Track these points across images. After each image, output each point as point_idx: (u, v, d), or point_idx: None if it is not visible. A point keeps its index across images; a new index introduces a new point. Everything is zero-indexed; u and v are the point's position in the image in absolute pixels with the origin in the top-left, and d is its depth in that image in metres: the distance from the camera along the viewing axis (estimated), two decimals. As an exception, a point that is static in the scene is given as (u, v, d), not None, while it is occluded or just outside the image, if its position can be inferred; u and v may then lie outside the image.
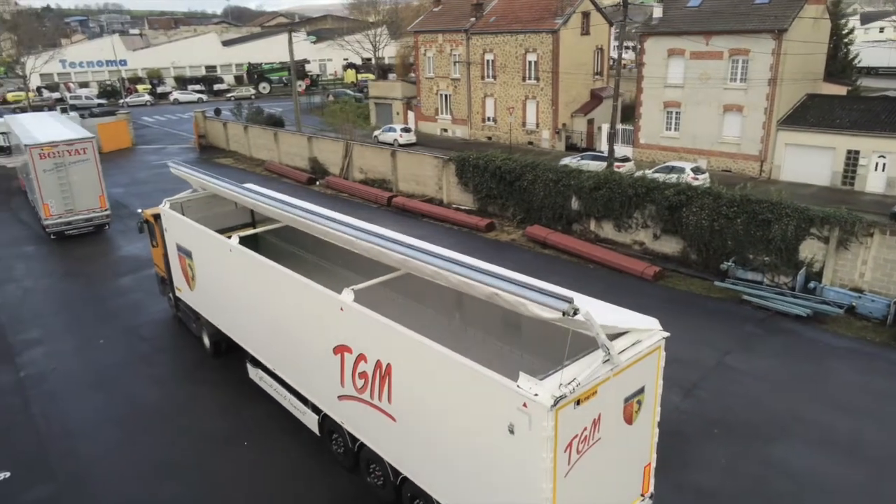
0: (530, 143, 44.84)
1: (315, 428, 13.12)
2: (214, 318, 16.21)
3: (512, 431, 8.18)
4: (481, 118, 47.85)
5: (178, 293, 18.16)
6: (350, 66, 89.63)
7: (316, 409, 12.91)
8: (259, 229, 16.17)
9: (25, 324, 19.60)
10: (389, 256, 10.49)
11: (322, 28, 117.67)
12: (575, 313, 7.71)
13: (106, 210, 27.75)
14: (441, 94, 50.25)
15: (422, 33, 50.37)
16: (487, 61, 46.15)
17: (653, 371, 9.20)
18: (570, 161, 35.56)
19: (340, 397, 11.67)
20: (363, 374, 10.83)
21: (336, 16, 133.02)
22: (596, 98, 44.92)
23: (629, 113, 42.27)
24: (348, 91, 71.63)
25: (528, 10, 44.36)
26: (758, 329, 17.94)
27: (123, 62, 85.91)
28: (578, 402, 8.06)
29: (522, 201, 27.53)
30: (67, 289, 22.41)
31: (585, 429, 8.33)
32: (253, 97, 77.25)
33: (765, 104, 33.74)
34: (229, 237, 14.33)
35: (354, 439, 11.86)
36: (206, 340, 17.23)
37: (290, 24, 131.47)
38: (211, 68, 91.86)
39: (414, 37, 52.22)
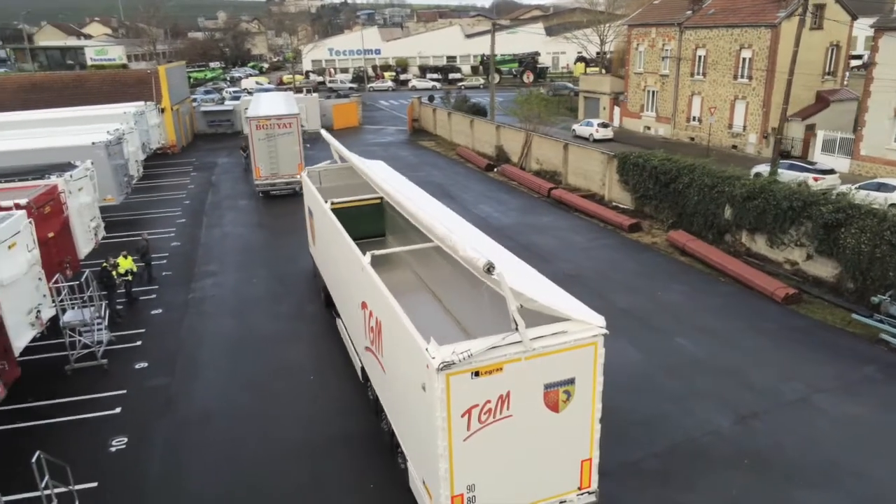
0: (734, 146, 41.33)
1: (360, 374, 14.92)
2: (322, 271, 18.88)
3: (424, 389, 9.03)
4: (686, 117, 45.21)
5: (310, 248, 21.28)
6: (581, 59, 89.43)
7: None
8: (353, 202, 18.18)
9: (211, 259, 24.45)
10: (401, 201, 11.98)
11: (568, 21, 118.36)
12: (490, 269, 8.38)
13: (302, 176, 32.56)
14: (648, 91, 48.44)
15: (636, 27, 48.93)
16: (699, 57, 43.38)
17: (587, 365, 9.21)
18: (764, 169, 32.43)
19: (366, 348, 13.27)
20: (372, 329, 12.28)
21: (585, 9, 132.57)
22: (822, 101, 39.69)
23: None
24: (569, 84, 71.91)
25: (750, 0, 40.64)
26: (879, 374, 15.43)
27: (378, 51, 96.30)
28: (477, 374, 8.61)
29: (676, 205, 26.17)
30: (253, 237, 27.18)
31: (489, 402, 8.82)
32: (481, 86, 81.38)
33: None
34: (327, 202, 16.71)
35: (375, 386, 13.39)
36: (322, 291, 20.02)
37: (543, 16, 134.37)
38: (451, 58, 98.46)
39: (628, 30, 50.89)
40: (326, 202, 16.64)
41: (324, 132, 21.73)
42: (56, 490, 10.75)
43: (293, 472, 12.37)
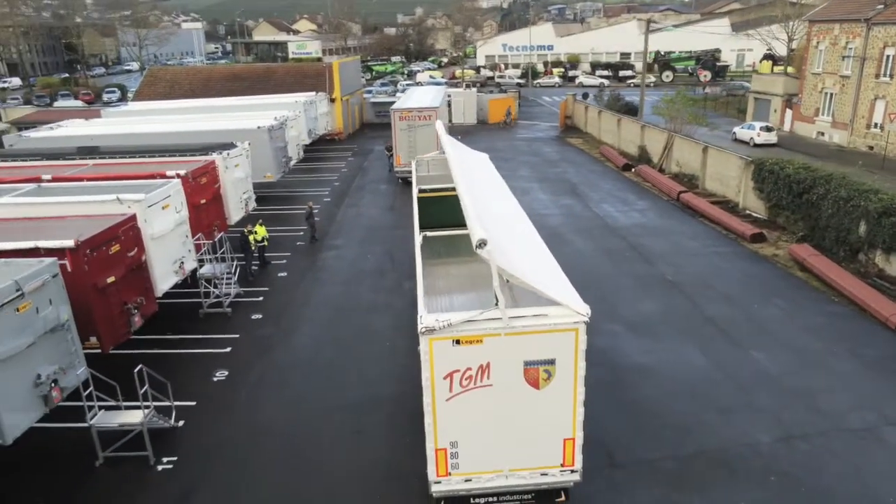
0: (919, 158, 36.51)
1: (423, 345, 16.44)
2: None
3: (419, 351, 10.31)
4: (866, 123, 40.63)
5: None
6: (767, 57, 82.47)
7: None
8: (444, 190, 19.50)
9: (340, 234, 27.40)
10: (458, 184, 13.38)
11: (761, 16, 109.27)
12: (481, 245, 9.45)
13: (437, 166, 34.74)
14: (825, 93, 44.13)
15: (817, 23, 44.72)
16: (887, 56, 38.75)
17: (567, 349, 9.80)
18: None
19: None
20: (419, 302, 13.73)
21: (790, 2, 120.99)
22: None
23: None
24: (745, 84, 67.02)
25: (955, -6, 35.53)
26: (981, 417, 13.77)
27: (550, 47, 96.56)
28: (458, 342, 9.70)
29: (809, 217, 24.35)
30: (381, 218, 29.81)
31: (469, 369, 9.84)
32: (651, 84, 78.55)
33: None
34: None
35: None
36: (418, 270, 21.84)
37: (739, 9, 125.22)
38: (625, 55, 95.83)
39: (808, 26, 46.61)
40: (416, 188, 18.32)
41: (438, 123, 23.42)
42: (157, 403, 13.54)
43: (343, 421, 14.23)
